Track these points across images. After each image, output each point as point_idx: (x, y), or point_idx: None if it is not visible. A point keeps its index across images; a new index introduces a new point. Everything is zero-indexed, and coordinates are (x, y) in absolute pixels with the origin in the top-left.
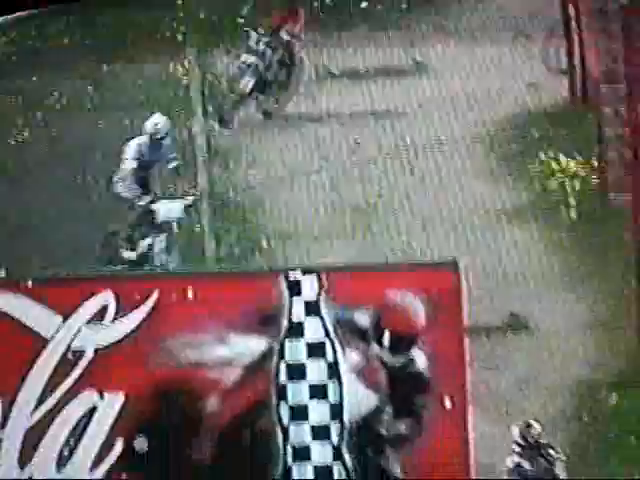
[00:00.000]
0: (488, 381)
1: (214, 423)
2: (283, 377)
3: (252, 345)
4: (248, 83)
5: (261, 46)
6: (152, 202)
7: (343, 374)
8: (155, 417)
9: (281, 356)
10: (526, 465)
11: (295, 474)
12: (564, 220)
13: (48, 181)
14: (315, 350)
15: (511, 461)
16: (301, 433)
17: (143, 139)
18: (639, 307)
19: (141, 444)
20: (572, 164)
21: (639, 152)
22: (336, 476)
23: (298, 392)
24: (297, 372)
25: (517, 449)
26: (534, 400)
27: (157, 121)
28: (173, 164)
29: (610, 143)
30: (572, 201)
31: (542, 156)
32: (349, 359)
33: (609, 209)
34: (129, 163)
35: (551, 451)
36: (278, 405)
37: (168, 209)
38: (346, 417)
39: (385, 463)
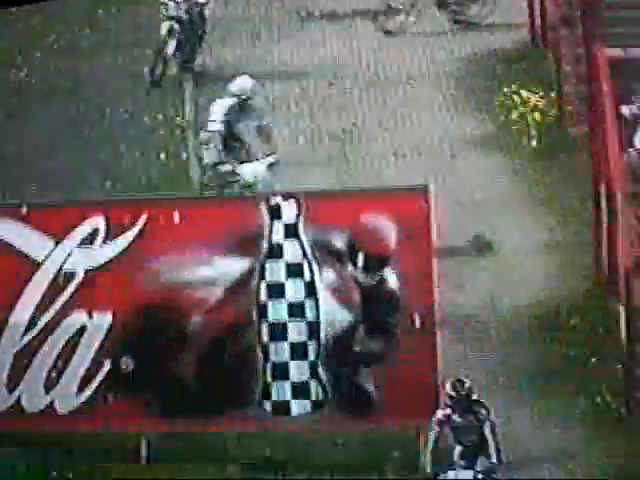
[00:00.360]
0: (454, 300)
1: (198, 341)
2: (263, 296)
3: (234, 266)
4: (170, 46)
5: (178, 12)
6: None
7: (319, 292)
8: (141, 336)
9: (262, 276)
10: (456, 418)
11: (274, 393)
12: (526, 149)
13: (44, 116)
14: (294, 270)
15: (442, 413)
16: (280, 351)
17: (229, 101)
18: (595, 229)
19: (126, 364)
20: (533, 98)
21: (593, 87)
22: (313, 392)
23: (277, 310)
24: (276, 291)
25: (448, 402)
26: (498, 319)
27: (243, 82)
28: (259, 124)
29: (567, 79)
30: (533, 132)
31: (505, 90)
32: (325, 278)
33: (567, 139)
34: (215, 125)
35: (482, 410)
36: (259, 323)
37: (253, 170)
38: (322, 335)
39: (359, 379)
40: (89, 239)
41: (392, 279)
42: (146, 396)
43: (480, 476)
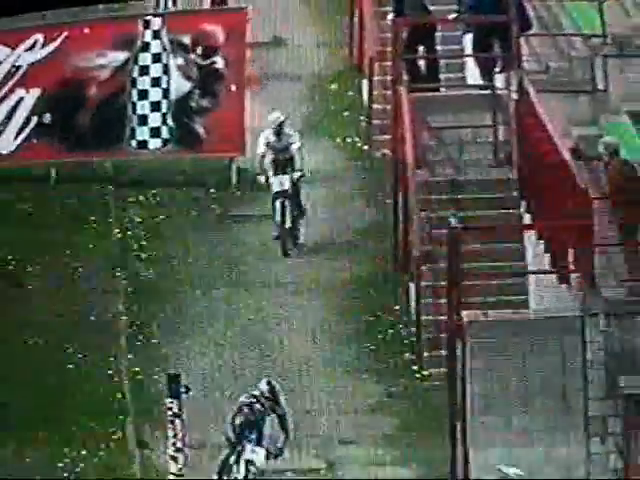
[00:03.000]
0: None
1: (92, 102)
2: (135, 73)
3: (119, 56)
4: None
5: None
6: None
7: (171, 71)
8: (57, 100)
9: (135, 62)
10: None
11: (138, 134)
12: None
13: None
14: (156, 57)
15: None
16: (143, 107)
17: (267, 131)
18: (395, 225)
19: (47, 118)
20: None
21: (396, 121)
22: (163, 133)
23: (144, 82)
24: (144, 71)
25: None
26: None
27: (275, 115)
28: (295, 146)
29: (376, 114)
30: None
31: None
32: (175, 62)
33: (375, 160)
34: (260, 149)
35: (277, 408)
36: (131, 89)
37: (280, 182)
38: (172, 96)
39: (193, 125)
40: (32, 46)
41: (220, 62)
42: (57, 138)
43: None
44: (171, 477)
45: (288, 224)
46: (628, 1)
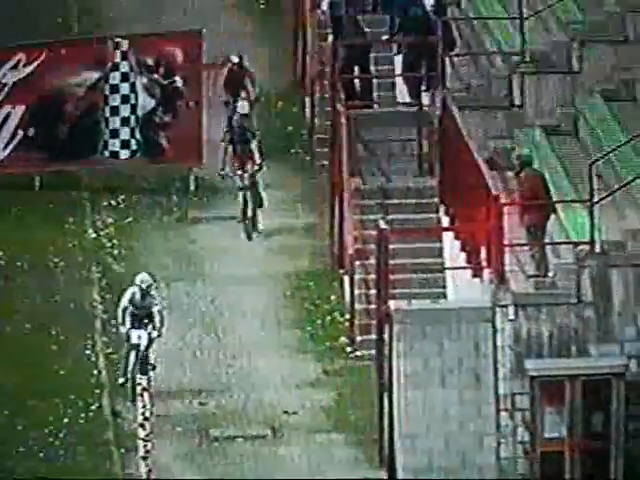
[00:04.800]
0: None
1: (69, 118)
2: (107, 91)
3: (93, 75)
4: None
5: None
6: None
7: (138, 89)
8: (39, 116)
9: (106, 81)
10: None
11: (110, 146)
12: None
13: None
14: (125, 77)
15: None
16: (115, 122)
17: (134, 288)
18: (331, 224)
19: (31, 132)
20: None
21: (334, 134)
22: (132, 146)
23: (114, 99)
24: (114, 89)
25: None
26: None
27: (143, 277)
28: (156, 308)
29: (316, 129)
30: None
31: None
32: (141, 81)
33: (314, 167)
34: (123, 303)
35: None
36: (104, 106)
37: (137, 336)
38: (139, 112)
39: (158, 138)
40: (15, 65)
41: (179, 81)
42: (40, 150)
43: None
44: (139, 442)
45: (250, 213)
46: (550, 18)
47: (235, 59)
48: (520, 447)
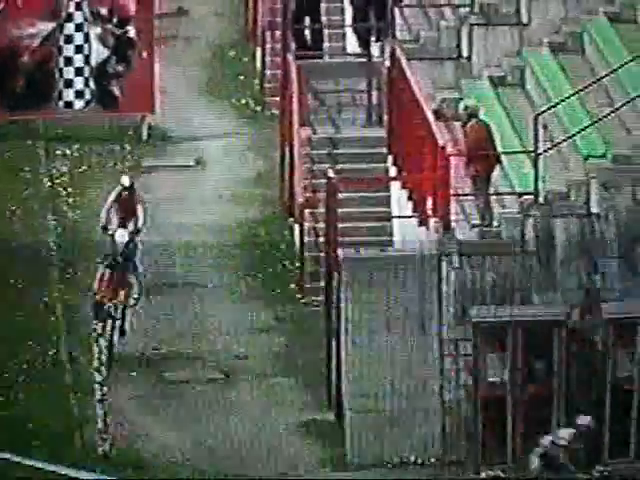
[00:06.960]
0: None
1: (26, 67)
2: (61, 42)
3: (47, 26)
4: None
5: None
6: None
7: (92, 39)
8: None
9: (61, 31)
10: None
11: (65, 96)
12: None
13: None
14: (78, 27)
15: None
16: (68, 71)
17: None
18: (282, 175)
19: None
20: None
21: (284, 85)
22: (86, 95)
23: (68, 50)
24: (69, 39)
25: None
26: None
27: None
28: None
29: (267, 79)
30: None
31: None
32: (95, 31)
33: (268, 117)
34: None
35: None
36: (58, 57)
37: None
38: (92, 62)
39: (112, 89)
40: None
41: (132, 31)
42: None
43: None
44: (96, 386)
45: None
46: None
47: (126, 182)
48: (463, 391)
